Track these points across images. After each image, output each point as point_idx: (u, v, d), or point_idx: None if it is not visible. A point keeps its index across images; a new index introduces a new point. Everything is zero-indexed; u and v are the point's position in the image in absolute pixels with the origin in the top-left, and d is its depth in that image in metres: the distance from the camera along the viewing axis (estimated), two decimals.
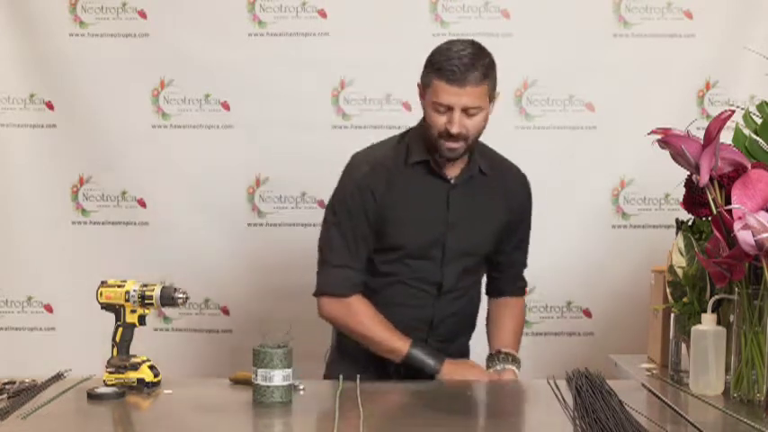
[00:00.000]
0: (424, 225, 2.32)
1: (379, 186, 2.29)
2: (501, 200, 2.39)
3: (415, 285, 2.35)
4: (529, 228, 2.50)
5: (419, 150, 2.31)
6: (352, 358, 2.38)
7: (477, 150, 2.34)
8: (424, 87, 2.26)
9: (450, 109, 2.20)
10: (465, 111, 2.20)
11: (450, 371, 2.24)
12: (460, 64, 2.19)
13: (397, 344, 2.27)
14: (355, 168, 2.34)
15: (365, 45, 3.24)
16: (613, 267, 3.25)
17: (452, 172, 2.32)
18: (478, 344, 2.51)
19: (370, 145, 2.41)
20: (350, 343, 2.38)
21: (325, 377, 2.41)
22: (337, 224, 2.32)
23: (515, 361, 2.31)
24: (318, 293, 2.37)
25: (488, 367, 2.30)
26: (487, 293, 2.54)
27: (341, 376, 2.15)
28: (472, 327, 2.49)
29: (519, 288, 2.54)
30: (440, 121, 2.22)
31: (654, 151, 2.04)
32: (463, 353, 2.47)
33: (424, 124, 2.28)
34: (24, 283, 3.34)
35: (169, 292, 2.11)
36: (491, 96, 2.27)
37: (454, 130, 2.20)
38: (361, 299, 2.32)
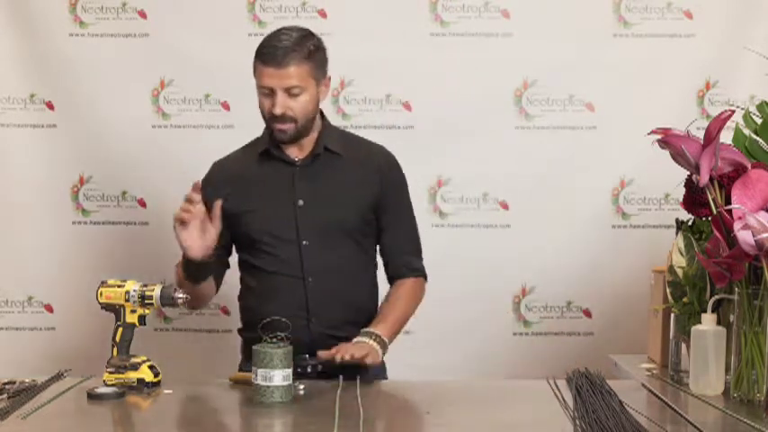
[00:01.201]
0: (272, 208, 2.37)
1: (221, 183, 2.39)
2: (363, 177, 2.40)
3: (283, 272, 2.36)
4: (404, 210, 2.48)
5: (263, 141, 2.41)
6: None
7: (327, 131, 2.41)
8: (254, 75, 2.32)
9: (273, 91, 2.27)
10: (287, 91, 2.26)
11: None
12: (279, 46, 2.26)
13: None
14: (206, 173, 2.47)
15: (365, 45, 3.24)
16: (613, 267, 3.25)
17: (298, 154, 2.39)
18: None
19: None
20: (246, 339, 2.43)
21: None
22: None
23: (372, 336, 2.26)
24: None
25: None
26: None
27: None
28: (363, 315, 2.41)
29: (407, 272, 2.48)
30: (266, 104, 2.30)
31: (654, 151, 2.04)
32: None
33: (261, 114, 2.35)
34: (24, 283, 3.33)
35: (169, 292, 2.11)
36: (316, 78, 2.31)
37: (277, 110, 2.27)
38: None
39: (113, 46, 3.26)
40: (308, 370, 2.20)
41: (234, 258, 2.54)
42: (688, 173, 2.08)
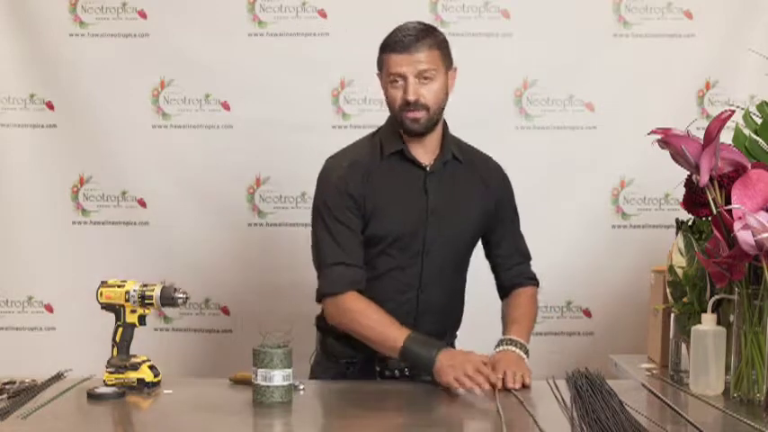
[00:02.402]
0: (404, 212, 2.30)
1: (357, 183, 2.29)
2: (478, 186, 2.37)
3: (397, 278, 2.32)
4: (514, 216, 2.48)
5: (391, 142, 2.33)
6: (336, 359, 2.36)
7: (449, 137, 2.37)
8: (380, 70, 2.30)
9: (404, 79, 2.23)
10: (419, 77, 2.23)
11: (448, 358, 2.13)
12: (408, 35, 2.26)
13: (390, 339, 2.17)
14: (332, 170, 2.34)
15: (365, 45, 3.22)
16: (613, 267, 3.25)
17: (427, 159, 2.33)
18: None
19: (343, 148, 2.41)
20: (334, 343, 2.36)
21: (310, 379, 2.38)
22: (325, 227, 2.31)
23: (517, 345, 2.26)
24: (319, 298, 2.34)
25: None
26: (500, 297, 2.51)
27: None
28: (457, 325, 2.47)
29: (524, 280, 2.47)
30: (397, 94, 2.25)
31: (654, 151, 2.04)
32: None
33: (389, 108, 2.30)
34: (24, 283, 3.34)
35: (169, 292, 2.11)
36: (446, 66, 2.30)
37: (411, 96, 2.23)
38: (354, 295, 2.25)
39: (113, 46, 3.26)
40: (396, 374, 2.25)
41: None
42: (688, 173, 2.08)
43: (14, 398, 1.96)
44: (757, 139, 2.21)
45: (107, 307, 2.15)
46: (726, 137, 2.03)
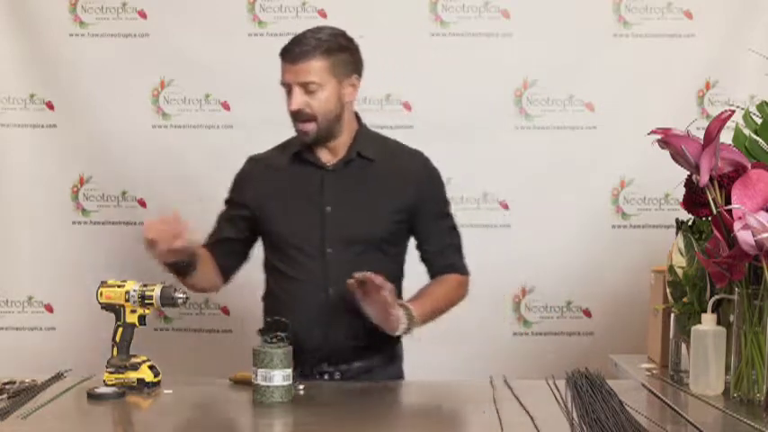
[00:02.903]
0: (299, 212, 2.32)
1: (253, 179, 2.39)
2: (393, 184, 2.34)
3: (305, 279, 2.31)
4: (441, 212, 2.42)
5: (296, 142, 2.37)
6: None
7: (362, 136, 2.36)
8: None
9: (290, 88, 2.26)
10: (303, 87, 2.24)
11: None
12: (298, 44, 2.25)
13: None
14: (244, 164, 2.46)
15: (365, 45, 3.23)
16: (613, 267, 3.25)
17: (330, 158, 2.34)
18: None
19: None
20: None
21: None
22: (223, 209, 2.46)
23: (404, 309, 2.20)
24: None
25: None
26: None
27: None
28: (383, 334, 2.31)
29: (452, 271, 2.42)
30: (287, 102, 2.28)
31: (654, 151, 2.04)
32: (384, 362, 2.40)
33: None
34: (24, 283, 3.34)
35: (169, 292, 2.11)
36: (337, 76, 2.27)
37: (292, 106, 2.25)
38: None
39: (113, 46, 3.26)
40: (326, 378, 2.26)
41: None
42: (688, 173, 2.08)
43: (14, 398, 1.96)
44: (757, 139, 2.21)
45: (107, 307, 2.15)
46: (726, 137, 2.02)
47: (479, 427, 1.83)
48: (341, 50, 2.28)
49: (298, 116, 2.26)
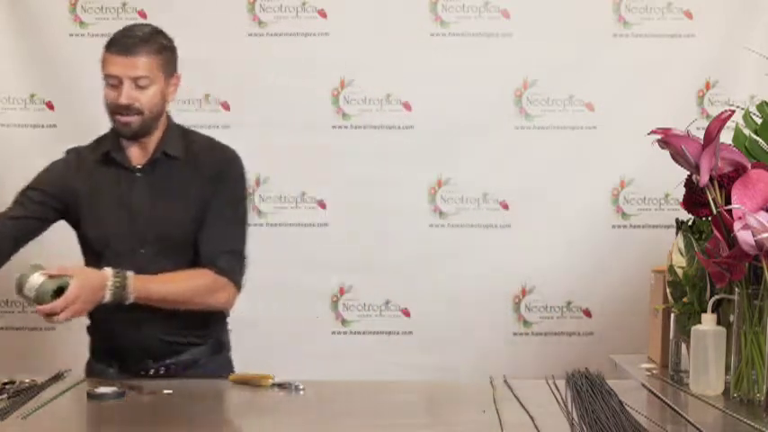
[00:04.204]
0: (110, 214, 2.32)
1: (65, 175, 2.36)
2: (198, 182, 2.33)
3: None
4: (225, 206, 2.35)
5: (106, 142, 2.37)
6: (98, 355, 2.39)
7: (169, 134, 2.36)
8: (101, 69, 2.30)
9: (120, 81, 2.24)
10: (135, 81, 2.24)
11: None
12: (131, 36, 2.25)
13: None
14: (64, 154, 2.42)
15: (365, 45, 3.25)
16: (613, 267, 3.25)
17: (140, 158, 2.34)
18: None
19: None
20: (93, 339, 2.40)
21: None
22: (26, 188, 2.40)
23: (120, 276, 2.17)
24: None
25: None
26: None
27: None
28: (199, 319, 2.38)
29: (211, 267, 2.31)
30: (111, 95, 2.27)
31: (654, 151, 2.04)
32: (209, 353, 2.42)
33: (105, 107, 2.31)
34: None
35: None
36: (165, 73, 2.29)
37: (123, 100, 2.24)
38: None
39: None
40: (151, 373, 2.29)
41: None
42: (688, 173, 2.08)
43: (14, 398, 1.96)
44: (757, 139, 2.21)
45: None
46: (726, 137, 2.02)
47: (479, 427, 1.83)
48: (168, 48, 2.32)
49: (123, 110, 2.25)
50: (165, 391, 2.05)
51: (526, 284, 3.29)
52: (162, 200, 2.32)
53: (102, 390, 2.01)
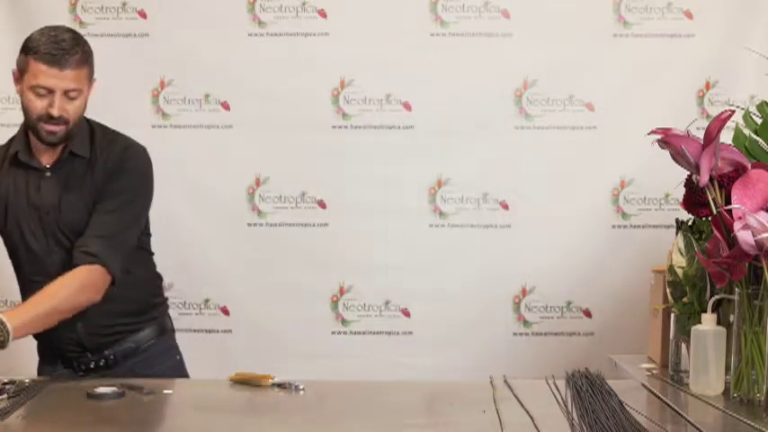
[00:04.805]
0: (22, 214, 2.33)
1: None
2: (97, 176, 2.34)
3: (40, 279, 2.28)
4: (112, 198, 2.34)
5: (17, 142, 2.38)
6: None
7: (78, 134, 2.35)
8: (21, 72, 2.28)
9: (50, 92, 2.24)
10: (66, 93, 2.24)
11: None
12: (61, 47, 2.23)
13: None
14: None
15: (365, 45, 3.25)
16: (613, 267, 3.25)
17: (48, 159, 2.35)
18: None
19: None
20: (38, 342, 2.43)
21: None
22: None
23: None
24: None
25: None
26: None
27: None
28: (135, 305, 2.42)
29: (82, 256, 2.27)
30: (39, 104, 2.25)
31: (654, 151, 2.04)
32: (151, 337, 2.43)
33: (24, 113, 2.31)
34: None
35: None
36: (90, 81, 2.32)
37: (55, 112, 2.24)
38: None
39: (113, 46, 3.26)
40: (92, 366, 2.33)
41: None
42: (688, 173, 2.08)
43: (14, 398, 1.96)
44: (757, 139, 2.21)
45: None
46: (726, 137, 2.02)
47: (479, 427, 1.83)
48: (90, 55, 2.32)
49: (51, 120, 2.25)
50: (165, 391, 2.05)
51: (526, 284, 3.29)
52: (68, 198, 2.33)
53: (102, 390, 2.01)
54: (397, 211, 3.27)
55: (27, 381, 2.09)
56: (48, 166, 2.35)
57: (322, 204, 3.30)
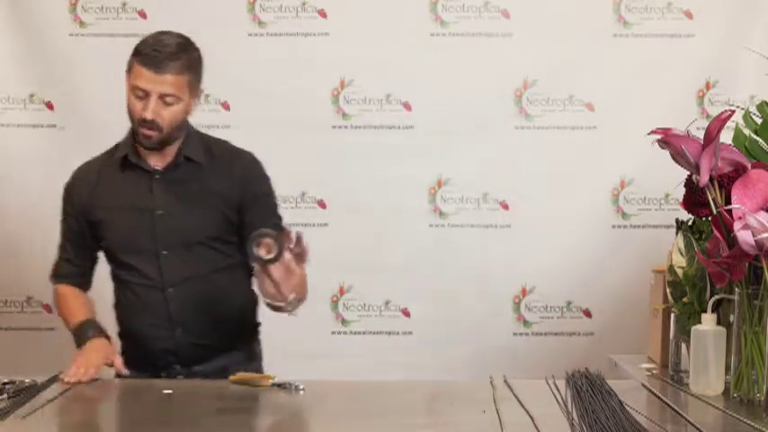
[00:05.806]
0: (130, 217, 2.33)
1: (83, 191, 2.39)
2: (221, 184, 2.34)
3: (143, 283, 2.31)
4: (263, 198, 2.41)
5: (124, 146, 2.37)
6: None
7: (189, 140, 2.36)
8: (128, 72, 2.29)
9: (147, 95, 2.23)
10: (162, 98, 2.23)
11: (89, 345, 2.22)
12: (163, 51, 2.23)
13: (69, 322, 2.34)
14: (70, 177, 2.45)
15: (365, 45, 3.25)
16: (613, 267, 3.25)
17: (158, 162, 2.34)
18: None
19: None
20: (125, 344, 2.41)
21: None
22: (61, 223, 2.47)
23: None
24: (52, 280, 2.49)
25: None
26: None
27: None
28: (233, 320, 2.40)
29: None
30: (137, 106, 2.25)
31: (654, 151, 2.04)
32: (241, 361, 2.38)
33: (128, 114, 2.30)
34: (24, 283, 3.33)
35: None
36: (192, 91, 2.29)
37: (148, 115, 2.23)
38: (64, 286, 2.43)
39: (113, 46, 3.25)
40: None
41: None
42: (688, 173, 2.08)
43: (14, 398, 1.96)
44: (757, 139, 2.21)
45: None
46: (726, 137, 2.02)
47: (479, 427, 1.83)
48: (198, 63, 2.32)
49: (145, 123, 2.24)
50: (165, 391, 2.05)
51: (526, 284, 3.30)
52: (183, 203, 2.32)
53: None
54: (397, 211, 3.27)
55: (27, 381, 2.09)
56: (158, 168, 2.34)
57: (322, 204, 3.30)
